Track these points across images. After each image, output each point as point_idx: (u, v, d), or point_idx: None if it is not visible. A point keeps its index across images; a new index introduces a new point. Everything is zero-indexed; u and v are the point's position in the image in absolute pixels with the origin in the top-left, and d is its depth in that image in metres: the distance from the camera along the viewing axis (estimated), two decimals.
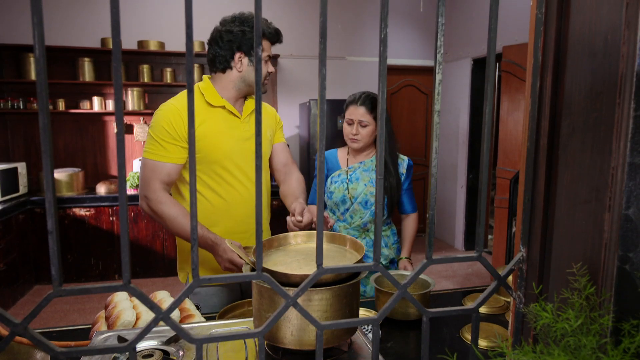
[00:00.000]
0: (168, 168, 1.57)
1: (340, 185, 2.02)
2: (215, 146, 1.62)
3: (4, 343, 0.51)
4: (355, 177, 2.01)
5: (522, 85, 3.97)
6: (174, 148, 1.57)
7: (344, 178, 2.02)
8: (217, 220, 1.66)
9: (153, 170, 1.56)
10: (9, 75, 4.44)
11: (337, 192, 2.02)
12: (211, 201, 1.66)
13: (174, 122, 1.56)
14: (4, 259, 3.64)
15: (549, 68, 0.66)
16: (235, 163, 1.67)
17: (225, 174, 1.66)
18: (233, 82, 1.67)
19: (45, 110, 0.46)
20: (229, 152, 1.65)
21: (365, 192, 1.98)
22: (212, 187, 1.65)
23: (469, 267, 4.78)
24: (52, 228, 0.48)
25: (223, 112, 1.67)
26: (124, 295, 1.30)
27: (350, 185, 2.00)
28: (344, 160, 2.09)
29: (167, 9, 4.67)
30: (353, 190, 2.00)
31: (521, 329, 0.70)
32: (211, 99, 1.65)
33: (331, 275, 0.89)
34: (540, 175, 0.68)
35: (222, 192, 1.66)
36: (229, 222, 1.68)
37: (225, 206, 1.67)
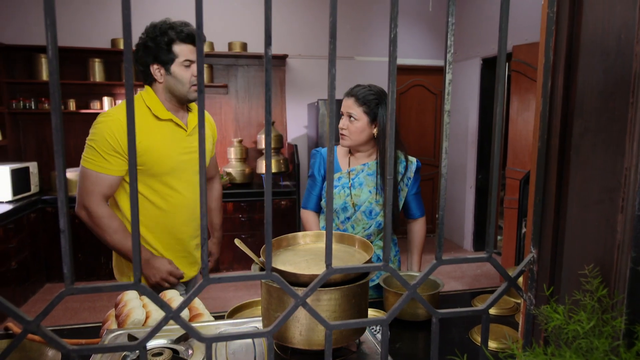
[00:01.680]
0: (110, 180, 1.56)
1: (342, 190, 1.81)
2: (159, 160, 1.61)
3: (17, 340, 0.51)
4: (358, 181, 1.81)
5: (532, 84, 3.94)
6: (117, 160, 1.55)
7: (346, 182, 1.81)
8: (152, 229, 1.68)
9: (95, 183, 1.54)
10: (20, 76, 4.49)
11: (337, 198, 1.80)
12: (149, 211, 1.66)
13: (117, 134, 1.53)
14: (15, 258, 3.69)
15: (561, 67, 0.65)
16: (178, 176, 1.68)
17: (165, 187, 1.66)
18: (162, 93, 1.66)
19: (58, 110, 0.47)
20: (173, 166, 1.65)
21: (370, 200, 1.78)
22: (150, 199, 1.65)
23: (478, 268, 4.75)
24: (64, 227, 0.48)
25: (170, 125, 1.66)
26: (134, 294, 1.31)
27: (353, 191, 1.80)
28: (345, 160, 1.87)
29: (175, 10, 4.70)
30: (356, 197, 1.80)
31: (532, 330, 0.69)
32: (158, 112, 1.63)
33: (340, 275, 0.89)
34: (552, 175, 0.67)
35: (160, 203, 1.66)
36: (165, 231, 1.70)
37: (163, 215, 1.68)
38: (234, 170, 4.76)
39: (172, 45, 1.58)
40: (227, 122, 5.06)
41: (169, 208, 1.68)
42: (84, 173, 1.56)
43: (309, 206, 1.91)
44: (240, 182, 4.78)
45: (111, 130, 1.53)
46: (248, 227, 4.57)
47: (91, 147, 1.55)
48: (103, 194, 1.56)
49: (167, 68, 1.60)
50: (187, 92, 1.64)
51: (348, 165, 1.85)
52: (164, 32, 1.57)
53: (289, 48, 5.05)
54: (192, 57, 1.62)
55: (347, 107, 1.76)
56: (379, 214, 1.80)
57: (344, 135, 1.78)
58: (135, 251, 0.51)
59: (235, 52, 4.77)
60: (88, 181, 1.55)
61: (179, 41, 1.58)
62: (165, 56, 1.58)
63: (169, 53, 1.58)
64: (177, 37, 1.58)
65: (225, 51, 4.78)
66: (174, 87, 1.63)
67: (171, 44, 1.58)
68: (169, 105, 1.67)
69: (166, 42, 1.57)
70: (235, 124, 5.08)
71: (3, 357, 0.50)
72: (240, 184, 4.78)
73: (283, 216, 4.62)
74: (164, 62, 1.59)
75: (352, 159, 1.86)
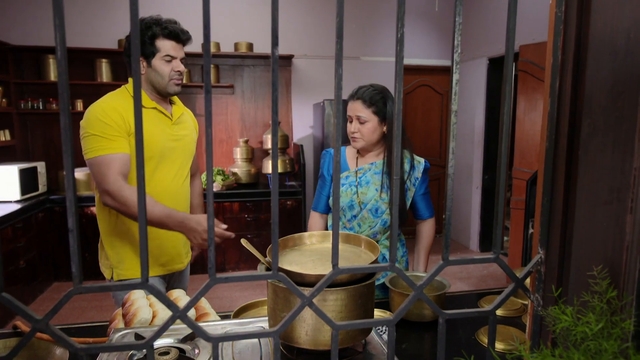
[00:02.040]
0: (121, 158, 1.58)
1: (349, 188, 1.83)
2: (148, 143, 1.65)
3: (26, 339, 0.52)
4: (365, 180, 1.83)
5: (539, 84, 3.91)
6: (120, 139, 1.59)
7: (353, 181, 1.84)
8: None
9: (107, 165, 1.55)
10: (29, 77, 4.53)
11: (344, 196, 1.83)
12: None
13: (112, 116, 1.58)
14: (24, 257, 3.72)
15: (569, 67, 0.65)
16: (164, 163, 1.72)
17: (152, 173, 1.70)
18: (145, 85, 1.72)
19: (67, 110, 0.47)
20: (161, 151, 1.70)
21: (376, 198, 1.80)
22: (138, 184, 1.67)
23: (484, 269, 4.73)
24: (72, 226, 0.48)
25: (155, 112, 1.73)
26: (140, 293, 1.31)
27: (360, 189, 1.82)
28: (353, 160, 1.90)
29: (181, 10, 4.72)
30: (363, 195, 1.82)
31: (539, 332, 0.69)
32: (143, 101, 1.68)
33: (346, 275, 0.89)
34: (560, 175, 0.67)
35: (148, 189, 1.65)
36: None
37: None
38: (240, 170, 4.78)
39: (155, 40, 1.65)
40: (233, 122, 5.07)
41: (160, 193, 1.70)
42: (92, 163, 1.57)
43: (319, 208, 1.94)
44: (246, 182, 4.79)
45: (103, 112, 1.57)
46: (254, 227, 4.58)
47: (89, 136, 1.57)
48: (119, 171, 1.56)
49: (149, 61, 1.67)
50: (167, 86, 1.70)
51: (356, 164, 1.88)
52: (149, 27, 1.64)
53: (295, 48, 5.06)
54: (174, 53, 1.68)
55: (356, 110, 1.77)
56: (384, 212, 1.81)
57: (356, 138, 1.79)
58: (143, 250, 0.51)
59: (242, 53, 4.78)
60: (100, 168, 1.55)
61: (162, 37, 1.65)
62: (147, 50, 1.65)
63: (151, 47, 1.65)
64: (161, 33, 1.64)
65: (232, 51, 4.80)
66: (154, 80, 1.69)
67: (154, 38, 1.64)
68: (152, 96, 1.74)
69: (149, 36, 1.63)
70: (241, 124, 5.09)
71: (13, 355, 0.50)
72: (246, 184, 4.80)
73: (289, 216, 4.62)
74: (146, 55, 1.66)
75: (360, 159, 1.89)
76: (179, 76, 1.72)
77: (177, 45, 1.69)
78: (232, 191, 4.55)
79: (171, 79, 1.70)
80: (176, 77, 1.71)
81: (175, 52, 1.69)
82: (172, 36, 1.67)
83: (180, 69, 1.71)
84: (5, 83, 4.30)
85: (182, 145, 1.80)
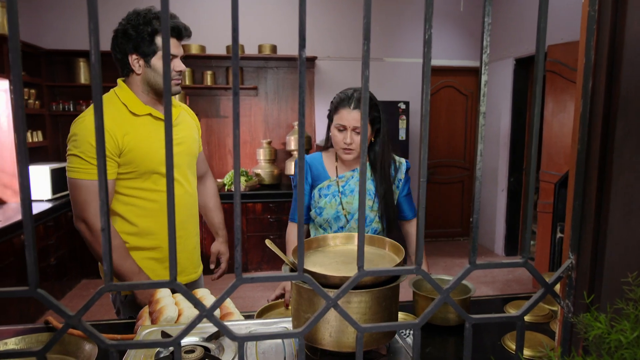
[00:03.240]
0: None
1: (332, 199, 1.71)
2: (146, 156, 1.53)
3: (59, 334, 0.53)
4: (349, 188, 1.72)
5: (568, 85, 3.82)
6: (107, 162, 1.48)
7: (336, 190, 1.72)
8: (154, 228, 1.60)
9: (89, 192, 1.46)
10: (60, 79, 4.67)
11: (328, 208, 1.71)
12: (146, 209, 1.58)
13: None
14: (54, 254, 3.83)
15: (603, 67, 0.63)
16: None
17: (161, 181, 1.59)
18: (140, 86, 1.57)
19: (100, 112, 0.48)
20: (162, 160, 1.55)
21: None
22: (145, 197, 1.58)
23: (509, 273, 4.64)
24: (104, 225, 0.50)
25: (149, 119, 1.57)
26: (166, 291, 1.34)
27: (344, 199, 1.70)
28: (332, 167, 1.76)
29: (207, 13, 4.79)
30: (348, 204, 1.70)
31: (570, 338, 0.67)
32: (135, 109, 1.54)
33: (370, 277, 0.88)
34: (592, 179, 0.65)
35: (158, 198, 1.59)
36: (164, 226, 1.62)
37: (159, 211, 1.60)
38: (263, 171, 4.81)
39: (155, 37, 1.49)
40: (256, 123, 5.12)
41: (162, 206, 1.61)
42: (74, 184, 1.47)
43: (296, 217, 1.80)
44: (268, 183, 4.83)
45: (91, 133, 1.44)
46: (276, 227, 4.61)
47: (75, 155, 1.46)
48: None
49: (147, 60, 1.51)
50: None
51: (336, 172, 1.75)
52: (148, 22, 1.48)
53: (318, 50, 5.07)
54: (175, 51, 1.53)
55: (354, 120, 1.62)
56: (373, 221, 1.73)
57: (352, 149, 1.65)
58: (172, 249, 0.52)
59: (265, 55, 4.82)
60: (81, 192, 1.46)
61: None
62: (146, 47, 1.49)
63: (150, 44, 1.49)
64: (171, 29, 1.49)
65: (255, 53, 4.84)
66: (153, 81, 1.54)
67: (154, 35, 1.49)
68: (147, 99, 1.59)
69: (149, 32, 1.48)
70: (264, 125, 5.13)
71: (47, 349, 0.52)
72: (268, 185, 4.83)
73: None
74: (144, 53, 1.50)
75: (339, 166, 1.76)
76: (179, 76, 1.57)
77: (178, 43, 1.54)
78: (255, 192, 4.59)
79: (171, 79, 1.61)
80: (177, 77, 1.57)
81: (176, 50, 1.54)
82: (174, 32, 1.52)
83: (181, 68, 1.56)
84: (38, 86, 4.44)
85: (184, 148, 1.68)
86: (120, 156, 1.49)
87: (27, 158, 0.46)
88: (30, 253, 0.47)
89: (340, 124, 1.63)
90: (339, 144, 1.65)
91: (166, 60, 0.48)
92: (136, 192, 1.56)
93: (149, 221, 1.60)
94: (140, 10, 1.50)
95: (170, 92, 0.49)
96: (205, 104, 4.97)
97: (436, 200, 5.75)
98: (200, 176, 1.91)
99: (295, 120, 5.13)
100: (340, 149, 1.66)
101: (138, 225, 1.59)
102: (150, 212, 1.59)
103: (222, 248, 1.90)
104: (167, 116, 0.49)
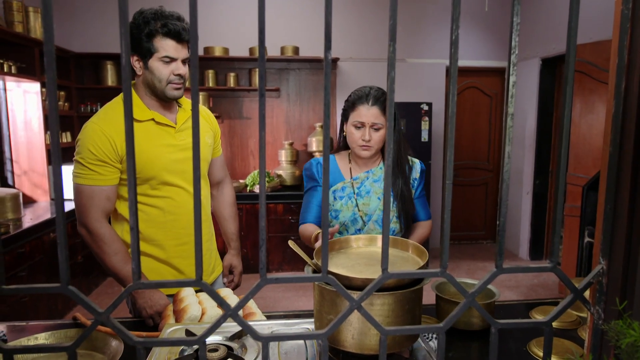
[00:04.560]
0: (106, 192, 1.47)
1: (348, 201, 1.68)
2: (150, 162, 1.50)
3: (89, 330, 0.55)
4: (364, 190, 1.69)
5: (597, 85, 3.72)
6: (106, 169, 1.46)
7: (351, 192, 1.69)
8: (158, 234, 1.58)
9: (90, 197, 1.46)
10: (88, 82, 4.80)
11: (345, 210, 1.68)
12: (151, 215, 1.56)
13: (100, 143, 1.44)
14: (82, 252, 3.93)
15: (636, 67, 0.61)
16: (178, 175, 1.56)
17: (165, 187, 1.55)
18: (143, 88, 1.54)
19: (130, 115, 0.49)
20: (166, 165, 1.53)
21: (380, 207, 1.65)
22: (151, 203, 1.56)
23: (534, 278, 4.54)
24: (133, 224, 0.51)
25: (152, 124, 1.54)
26: (190, 290, 1.36)
27: (360, 200, 1.68)
28: (346, 169, 1.73)
29: (230, 16, 4.84)
30: (364, 206, 1.68)
31: (600, 346, 0.65)
32: (137, 114, 1.51)
33: (393, 280, 0.88)
34: (625, 182, 0.63)
35: (166, 206, 1.57)
36: (171, 233, 1.59)
37: (165, 219, 1.58)
38: (285, 173, 4.84)
39: (152, 38, 1.45)
40: (278, 124, 5.15)
41: (175, 210, 1.58)
42: (76, 189, 1.48)
43: (308, 219, 1.73)
44: (290, 184, 4.85)
45: (92, 140, 1.44)
46: (297, 228, 4.61)
47: (77, 161, 1.47)
48: (101, 208, 1.48)
49: (145, 61, 1.48)
50: (165, 90, 1.50)
51: (350, 173, 1.72)
52: (147, 22, 1.44)
53: (340, 51, 5.07)
54: (174, 54, 1.47)
55: (373, 117, 1.59)
56: (391, 221, 1.69)
57: (369, 146, 1.62)
58: (198, 249, 0.53)
59: (287, 56, 4.85)
60: (83, 197, 1.47)
61: (162, 35, 1.44)
62: (144, 48, 1.45)
63: (148, 45, 1.45)
64: (161, 31, 1.44)
65: (278, 55, 4.87)
66: (151, 83, 1.51)
67: (152, 36, 1.45)
68: (151, 102, 1.56)
69: (147, 33, 1.44)
70: (286, 126, 5.16)
71: (77, 345, 0.53)
72: (290, 186, 4.85)
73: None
74: (142, 54, 1.47)
75: (354, 167, 1.74)
76: (179, 80, 1.51)
77: (179, 45, 1.47)
78: (276, 193, 4.62)
79: (170, 83, 1.49)
80: (176, 81, 1.50)
81: (176, 52, 1.47)
82: (172, 35, 1.45)
83: (181, 72, 1.50)
84: (67, 88, 4.57)
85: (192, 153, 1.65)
86: (122, 162, 1.48)
87: (60, 158, 0.47)
88: (62, 251, 0.49)
89: (359, 120, 1.61)
90: (357, 142, 1.63)
91: (193, 64, 0.49)
92: (141, 199, 1.54)
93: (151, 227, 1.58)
94: (145, 10, 1.47)
95: (197, 95, 0.50)
96: (228, 106, 5.02)
97: (459, 202, 5.67)
98: (218, 182, 1.87)
99: (316, 122, 5.14)
100: (358, 146, 1.63)
101: (141, 231, 1.57)
102: (152, 218, 1.57)
103: (235, 261, 1.86)
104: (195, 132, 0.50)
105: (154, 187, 1.54)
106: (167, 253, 1.61)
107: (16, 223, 3.23)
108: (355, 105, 1.63)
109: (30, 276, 3.14)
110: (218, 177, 1.86)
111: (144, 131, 1.52)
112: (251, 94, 5.01)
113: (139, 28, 1.44)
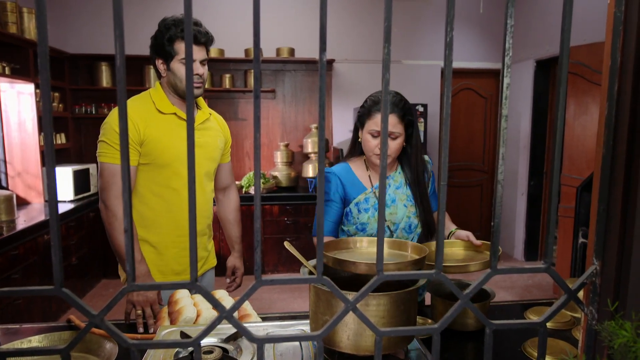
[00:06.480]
0: None
1: (374, 212, 1.61)
2: (165, 149, 1.63)
3: (83, 332, 0.54)
4: (389, 198, 1.63)
5: (590, 87, 3.74)
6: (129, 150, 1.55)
7: (375, 203, 1.61)
8: (159, 223, 1.68)
9: (111, 174, 1.58)
10: (83, 83, 4.78)
11: (373, 222, 1.61)
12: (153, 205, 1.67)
13: None
14: (76, 254, 3.91)
15: (629, 70, 0.62)
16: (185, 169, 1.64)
17: (174, 178, 1.66)
18: (167, 88, 1.70)
19: (124, 116, 0.49)
20: (178, 155, 1.65)
21: (407, 214, 1.63)
22: (156, 192, 1.67)
23: (529, 279, 4.56)
24: (127, 226, 0.50)
25: (174, 118, 1.68)
26: (185, 292, 1.35)
27: (387, 210, 1.60)
28: (365, 177, 1.66)
29: (225, 17, 4.84)
30: (391, 215, 1.62)
31: (594, 346, 0.66)
32: (162, 107, 1.66)
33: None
34: (618, 183, 0.64)
35: (169, 196, 1.67)
36: (171, 224, 1.69)
37: (174, 209, 1.68)
38: (280, 174, 4.84)
39: (173, 42, 1.61)
40: (274, 126, 5.15)
41: (178, 201, 1.68)
42: (101, 167, 1.61)
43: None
44: (285, 186, 4.85)
45: (116, 121, 1.56)
46: (293, 229, 4.62)
47: (103, 141, 1.60)
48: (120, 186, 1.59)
49: (168, 64, 1.64)
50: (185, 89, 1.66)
51: (370, 182, 1.66)
52: (168, 28, 1.61)
53: (335, 52, 5.08)
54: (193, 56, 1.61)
55: (391, 125, 1.52)
56: (417, 226, 1.68)
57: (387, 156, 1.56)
58: (192, 250, 0.53)
59: (283, 58, 4.85)
60: (104, 174, 1.59)
61: (180, 39, 1.60)
62: (166, 52, 1.62)
63: (169, 49, 1.62)
64: (180, 35, 1.60)
65: (274, 56, 4.87)
66: (174, 83, 1.66)
67: (172, 40, 1.61)
68: (174, 100, 1.71)
69: (168, 38, 1.60)
70: (282, 128, 5.16)
71: (71, 347, 0.53)
72: (285, 187, 4.85)
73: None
74: (165, 57, 1.64)
75: (372, 175, 1.67)
76: (198, 79, 1.65)
77: (196, 47, 1.64)
78: (272, 194, 4.62)
79: (198, 82, 1.66)
80: (195, 80, 1.64)
81: (194, 54, 1.61)
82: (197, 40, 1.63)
83: (199, 72, 1.65)
84: (62, 89, 4.55)
85: (203, 152, 1.74)
86: (142, 146, 1.61)
87: (54, 160, 0.47)
88: (55, 253, 0.49)
89: (376, 129, 1.54)
90: (373, 150, 1.57)
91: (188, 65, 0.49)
92: (150, 186, 1.65)
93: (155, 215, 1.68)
94: (167, 18, 1.64)
95: (192, 95, 0.50)
96: (224, 107, 5.01)
97: (454, 203, 5.69)
98: (224, 187, 1.97)
99: (312, 123, 5.14)
100: (374, 155, 1.58)
101: (145, 217, 1.68)
102: (157, 207, 1.68)
103: (237, 263, 1.94)
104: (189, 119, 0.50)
105: (163, 176, 1.65)
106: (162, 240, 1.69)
107: (10, 225, 3.21)
108: (371, 112, 1.56)
109: (24, 278, 3.12)
110: (225, 182, 1.96)
111: (165, 122, 1.66)
112: (247, 95, 5.01)
113: (162, 34, 1.61)
